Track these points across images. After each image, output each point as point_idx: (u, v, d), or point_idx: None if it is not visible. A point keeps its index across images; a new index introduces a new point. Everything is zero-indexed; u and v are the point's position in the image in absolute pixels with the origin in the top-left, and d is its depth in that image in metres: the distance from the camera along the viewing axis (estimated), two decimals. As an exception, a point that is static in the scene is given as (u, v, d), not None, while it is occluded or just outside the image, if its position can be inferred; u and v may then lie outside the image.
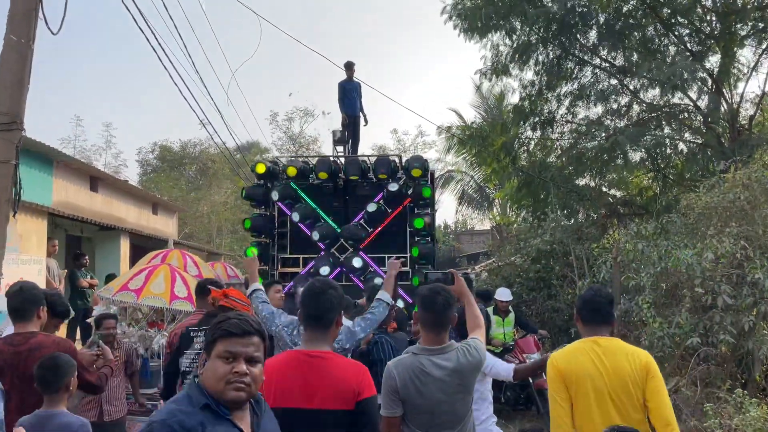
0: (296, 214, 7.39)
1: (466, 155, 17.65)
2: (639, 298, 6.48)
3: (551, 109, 12.04)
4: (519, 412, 7.54)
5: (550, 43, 11.19)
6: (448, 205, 60.06)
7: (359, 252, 7.48)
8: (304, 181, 7.85)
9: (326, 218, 7.73)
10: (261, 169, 7.62)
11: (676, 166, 11.60)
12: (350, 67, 9.74)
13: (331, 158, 8.21)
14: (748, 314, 5.60)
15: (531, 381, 6.98)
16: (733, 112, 10.45)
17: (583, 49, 11.44)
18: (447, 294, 2.91)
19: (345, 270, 7.46)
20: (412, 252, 7.35)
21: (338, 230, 7.57)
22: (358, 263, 7.26)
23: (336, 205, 7.89)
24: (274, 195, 7.51)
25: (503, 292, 7.97)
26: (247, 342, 1.87)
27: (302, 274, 7.22)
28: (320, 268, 7.14)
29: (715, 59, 10.80)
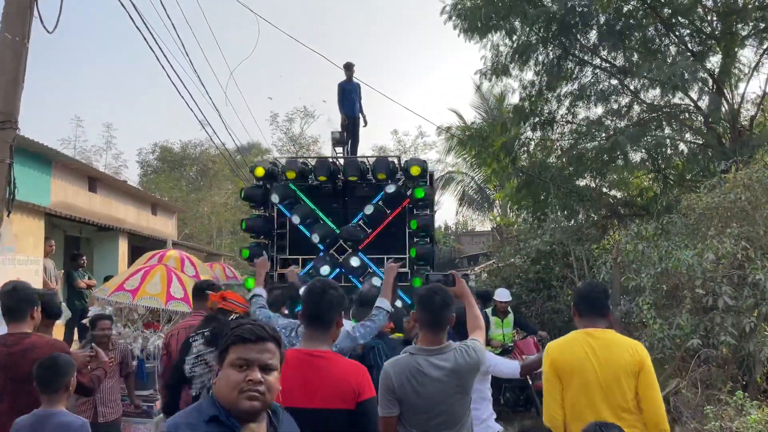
0: (295, 215, 7.37)
1: (466, 156, 17.63)
2: (639, 299, 6.43)
3: (551, 110, 12.00)
4: (518, 414, 7.52)
5: (551, 44, 11.15)
6: (449, 206, 60.12)
7: (357, 253, 7.45)
8: (304, 182, 7.83)
9: (325, 219, 7.71)
10: (260, 172, 7.61)
11: (676, 167, 11.55)
12: (350, 68, 9.71)
13: (330, 159, 8.18)
14: (749, 315, 5.57)
15: (530, 382, 6.95)
16: (734, 112, 10.42)
17: (583, 50, 11.40)
18: (445, 294, 2.91)
19: (344, 271, 7.43)
20: (410, 253, 7.33)
21: (337, 231, 7.55)
22: (356, 263, 7.24)
23: (335, 206, 7.87)
24: (274, 197, 7.49)
25: (502, 293, 7.94)
26: (261, 348, 1.77)
27: (302, 274, 7.19)
28: (320, 269, 7.11)
29: (715, 59, 10.78)
